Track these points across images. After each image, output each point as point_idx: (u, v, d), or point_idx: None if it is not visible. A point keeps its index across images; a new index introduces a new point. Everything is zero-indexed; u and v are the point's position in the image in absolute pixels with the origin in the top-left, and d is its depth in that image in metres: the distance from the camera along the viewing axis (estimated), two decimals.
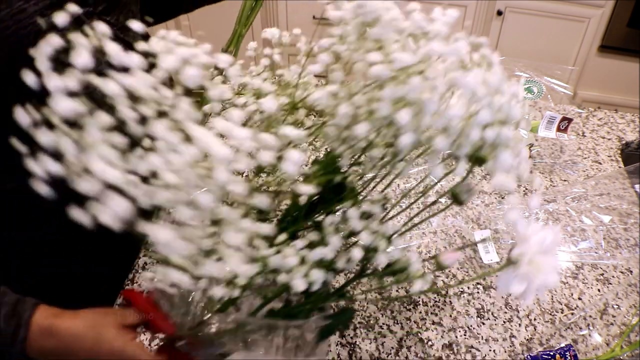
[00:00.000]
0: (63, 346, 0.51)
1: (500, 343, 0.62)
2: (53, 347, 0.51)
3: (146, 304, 0.51)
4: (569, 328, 0.64)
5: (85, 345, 0.51)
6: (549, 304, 0.67)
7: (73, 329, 0.51)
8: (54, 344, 0.51)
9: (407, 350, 0.61)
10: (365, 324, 0.64)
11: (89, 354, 0.51)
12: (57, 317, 0.51)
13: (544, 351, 0.60)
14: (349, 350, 0.61)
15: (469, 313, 0.65)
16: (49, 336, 0.50)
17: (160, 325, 0.49)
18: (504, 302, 0.67)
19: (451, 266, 0.39)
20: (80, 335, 0.51)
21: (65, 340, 0.51)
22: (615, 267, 0.72)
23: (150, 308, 0.50)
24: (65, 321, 0.51)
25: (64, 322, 0.51)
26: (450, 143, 0.32)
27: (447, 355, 0.61)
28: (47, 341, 0.51)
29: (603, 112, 1.04)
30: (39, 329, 0.50)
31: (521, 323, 0.64)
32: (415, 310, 0.65)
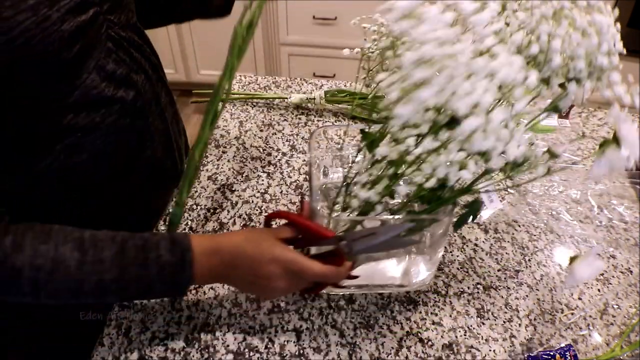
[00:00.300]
0: (227, 261, 0.54)
1: (500, 343, 0.62)
2: (218, 263, 0.53)
3: (300, 218, 0.55)
4: (569, 328, 0.64)
5: (247, 256, 0.53)
6: (549, 304, 0.67)
7: (235, 242, 0.54)
8: (219, 260, 0.53)
9: (407, 350, 0.61)
10: (365, 324, 0.64)
11: (252, 265, 0.53)
12: (217, 236, 0.55)
13: (544, 351, 0.60)
14: (349, 350, 0.61)
15: (469, 313, 0.65)
16: (213, 254, 0.53)
17: (320, 232, 0.54)
18: (504, 302, 0.67)
19: (561, 155, 0.45)
20: (241, 247, 0.54)
21: (229, 254, 0.54)
22: (615, 267, 0.72)
23: (306, 220, 0.55)
24: (225, 237, 0.55)
25: (225, 238, 0.55)
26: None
27: (447, 355, 0.61)
28: (213, 259, 0.53)
29: (603, 112, 1.04)
30: (202, 249, 0.53)
31: (521, 323, 0.64)
32: (415, 310, 0.65)
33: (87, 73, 0.54)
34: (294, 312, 0.64)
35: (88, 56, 0.54)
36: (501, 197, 0.82)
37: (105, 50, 0.57)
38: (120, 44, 0.59)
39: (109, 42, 0.57)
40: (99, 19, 0.55)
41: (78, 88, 0.54)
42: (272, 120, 0.98)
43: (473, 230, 0.77)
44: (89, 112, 0.56)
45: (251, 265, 0.53)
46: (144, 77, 0.64)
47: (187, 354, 0.60)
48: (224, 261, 0.53)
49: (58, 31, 0.48)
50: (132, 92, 0.61)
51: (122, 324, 0.62)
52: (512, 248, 0.74)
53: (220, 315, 0.64)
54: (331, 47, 2.11)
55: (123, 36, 0.60)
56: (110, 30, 0.57)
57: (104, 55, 0.56)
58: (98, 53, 0.55)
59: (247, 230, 0.56)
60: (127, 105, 0.60)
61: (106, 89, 0.57)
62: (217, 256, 0.53)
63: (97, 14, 0.54)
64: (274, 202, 0.80)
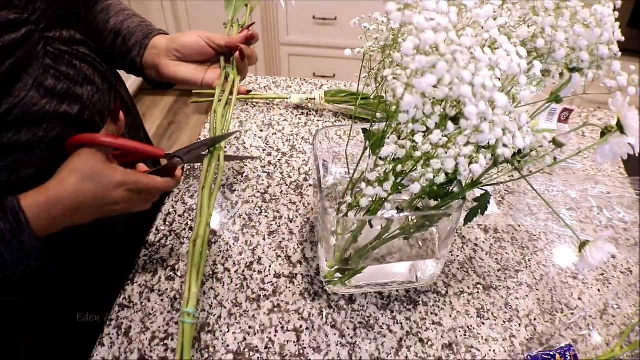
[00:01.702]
0: (71, 208, 0.52)
1: (500, 343, 0.62)
2: (59, 213, 0.51)
3: (128, 142, 0.57)
4: (569, 328, 0.64)
5: (90, 196, 0.52)
6: (549, 304, 0.67)
7: (74, 187, 0.52)
8: (60, 210, 0.51)
9: (407, 350, 0.61)
10: (365, 324, 0.64)
11: (96, 202, 0.53)
12: (50, 187, 0.52)
13: (544, 351, 0.60)
14: (349, 350, 0.61)
15: (469, 313, 0.65)
16: (53, 206, 0.51)
17: (151, 152, 0.59)
18: (504, 302, 0.67)
19: (567, 143, 0.45)
20: (82, 189, 0.52)
21: (70, 201, 0.52)
22: (615, 267, 0.72)
23: (134, 143, 0.58)
24: (60, 184, 0.52)
25: (60, 186, 0.52)
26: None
27: (447, 355, 0.61)
28: (53, 211, 0.51)
29: (603, 112, 1.04)
30: (36, 206, 0.51)
31: (521, 323, 0.64)
32: (415, 310, 0.65)
33: (24, 90, 0.54)
34: (294, 312, 0.64)
35: (22, 73, 0.53)
36: (501, 197, 0.82)
37: (43, 67, 0.56)
38: (61, 58, 0.59)
39: (47, 59, 0.57)
40: (34, 36, 0.54)
41: (17, 106, 0.53)
42: (272, 120, 0.98)
43: (473, 230, 0.77)
44: (31, 128, 0.56)
45: (95, 203, 0.53)
46: (92, 88, 0.63)
47: None
48: (67, 208, 0.52)
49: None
50: (77, 105, 0.60)
51: (122, 324, 0.62)
52: (512, 248, 0.74)
53: (220, 315, 0.64)
54: (331, 47, 2.11)
55: (64, 50, 0.59)
56: (48, 46, 0.57)
57: (42, 71, 0.56)
58: (35, 70, 0.55)
59: (77, 167, 0.52)
60: (72, 119, 0.60)
61: (47, 105, 0.56)
62: (59, 207, 0.51)
63: (32, 32, 0.54)
64: (274, 202, 0.80)
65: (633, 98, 0.42)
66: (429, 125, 0.42)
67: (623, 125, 0.42)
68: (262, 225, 0.76)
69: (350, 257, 0.61)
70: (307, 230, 0.75)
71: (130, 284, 0.67)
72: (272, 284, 0.68)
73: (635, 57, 1.72)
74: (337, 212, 0.58)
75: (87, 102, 0.62)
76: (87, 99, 0.62)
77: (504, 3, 0.45)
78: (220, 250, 0.72)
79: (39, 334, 0.71)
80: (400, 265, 0.67)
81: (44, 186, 0.52)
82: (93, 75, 0.64)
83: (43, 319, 0.69)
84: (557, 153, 0.47)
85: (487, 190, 0.54)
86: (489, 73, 0.38)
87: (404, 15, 0.37)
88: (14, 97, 0.53)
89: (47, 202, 0.51)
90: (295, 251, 0.72)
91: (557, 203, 0.81)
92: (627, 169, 0.89)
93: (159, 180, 0.58)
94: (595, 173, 0.88)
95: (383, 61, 0.51)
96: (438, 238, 0.63)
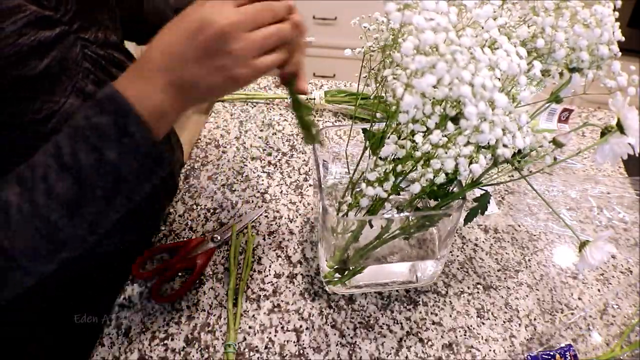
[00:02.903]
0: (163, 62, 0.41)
1: (500, 343, 0.62)
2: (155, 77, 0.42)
3: None
4: (569, 328, 0.64)
5: (173, 24, 0.42)
6: (549, 304, 0.67)
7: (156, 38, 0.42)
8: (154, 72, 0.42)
9: (407, 350, 0.61)
10: (365, 324, 0.64)
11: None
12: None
13: (544, 351, 0.60)
14: (349, 350, 0.61)
15: (469, 313, 0.65)
16: (139, 69, 0.42)
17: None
18: (504, 302, 0.67)
19: (567, 143, 0.45)
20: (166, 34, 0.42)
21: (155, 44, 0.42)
22: (615, 267, 0.72)
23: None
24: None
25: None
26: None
27: (447, 355, 0.61)
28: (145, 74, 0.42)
29: (603, 112, 1.04)
30: (126, 79, 0.42)
31: (521, 323, 0.64)
32: (415, 310, 0.65)
33: (64, 96, 0.52)
34: (294, 312, 0.64)
35: (61, 76, 0.52)
36: (501, 197, 0.82)
37: (83, 71, 0.54)
38: (99, 63, 0.57)
39: (86, 62, 0.55)
40: (69, 37, 0.53)
41: (57, 113, 0.52)
42: (272, 120, 0.98)
43: (473, 230, 0.77)
44: None
45: (177, 24, 0.41)
46: None
47: (187, 354, 0.60)
48: (154, 58, 0.42)
49: (14, 45, 0.46)
50: None
51: (122, 324, 0.62)
52: (512, 248, 0.74)
53: (220, 315, 0.64)
54: (331, 47, 2.11)
55: (101, 54, 0.58)
56: (86, 49, 0.55)
57: (81, 76, 0.54)
58: (74, 74, 0.53)
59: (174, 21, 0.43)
60: None
61: None
62: (144, 62, 0.42)
63: (66, 32, 0.52)
64: (274, 202, 0.80)
65: (633, 98, 0.42)
66: (429, 126, 0.42)
67: (623, 125, 0.42)
68: (262, 225, 0.76)
69: (350, 257, 0.61)
70: (307, 230, 0.75)
71: (130, 284, 0.67)
72: (272, 284, 0.68)
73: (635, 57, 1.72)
74: (337, 212, 0.58)
75: None
76: None
77: (504, 3, 0.45)
78: (220, 251, 0.72)
79: (46, 344, 0.71)
80: (400, 265, 0.67)
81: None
82: None
83: (51, 328, 0.69)
84: (557, 153, 0.47)
85: (487, 190, 0.54)
86: (488, 73, 0.38)
87: (404, 15, 0.37)
88: (53, 103, 0.51)
89: (133, 64, 0.43)
90: (295, 251, 0.72)
91: (557, 203, 0.81)
92: (627, 169, 0.89)
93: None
94: (595, 173, 0.88)
95: (383, 61, 0.51)
96: (438, 238, 0.63)
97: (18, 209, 0.41)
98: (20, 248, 0.41)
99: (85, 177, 0.40)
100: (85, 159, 0.40)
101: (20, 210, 0.41)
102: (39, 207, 0.40)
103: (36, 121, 0.51)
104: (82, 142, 0.41)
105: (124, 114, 0.40)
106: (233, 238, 0.71)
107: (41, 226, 0.41)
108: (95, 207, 0.42)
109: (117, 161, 0.41)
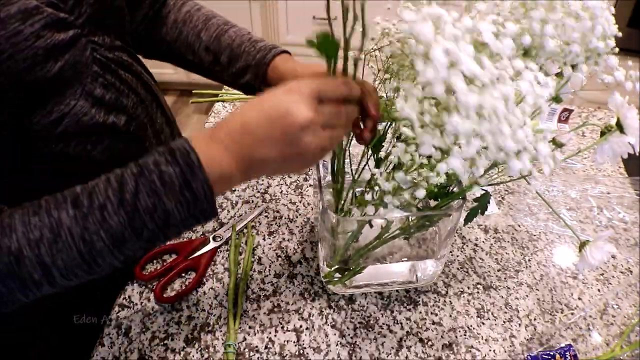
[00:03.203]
0: (237, 126, 0.44)
1: (500, 343, 0.62)
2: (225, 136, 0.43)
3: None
4: (569, 328, 0.64)
5: (256, 106, 0.44)
6: (549, 304, 0.67)
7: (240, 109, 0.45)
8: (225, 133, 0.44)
9: (407, 350, 0.61)
10: (365, 324, 0.64)
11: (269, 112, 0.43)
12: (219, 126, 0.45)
13: (544, 351, 0.60)
14: (349, 350, 0.61)
15: (469, 313, 0.65)
16: (216, 130, 0.44)
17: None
18: (504, 302, 0.67)
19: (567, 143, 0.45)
20: (246, 105, 0.44)
21: (235, 119, 0.44)
22: (615, 267, 0.72)
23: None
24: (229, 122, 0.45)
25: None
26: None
27: (447, 355, 0.61)
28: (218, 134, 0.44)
29: (603, 112, 1.04)
30: (204, 137, 0.44)
31: (521, 323, 0.64)
32: (415, 310, 0.65)
33: (74, 99, 0.53)
34: (294, 312, 0.64)
35: (73, 79, 0.52)
36: (501, 197, 0.82)
37: (92, 74, 0.55)
38: (108, 66, 0.58)
39: (95, 66, 0.55)
40: (81, 41, 0.53)
41: (67, 116, 0.52)
42: None
43: (473, 230, 0.77)
44: (79, 140, 0.55)
45: (260, 107, 0.43)
46: (136, 99, 0.62)
47: (187, 354, 0.60)
48: (233, 129, 0.44)
49: (31, 47, 0.46)
50: (124, 116, 0.59)
51: (122, 324, 0.62)
52: (512, 248, 0.74)
53: (220, 315, 0.64)
54: None
55: (110, 58, 0.58)
56: (95, 52, 0.56)
57: (91, 79, 0.55)
58: (84, 77, 0.54)
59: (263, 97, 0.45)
60: (119, 131, 0.59)
61: (97, 115, 0.55)
62: (222, 130, 0.44)
63: (78, 36, 0.53)
64: (274, 202, 0.80)
65: (633, 98, 0.42)
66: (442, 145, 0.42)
67: (623, 124, 0.42)
68: (262, 225, 0.76)
69: (350, 257, 0.61)
70: (307, 230, 0.75)
71: (130, 284, 0.67)
72: (272, 284, 0.68)
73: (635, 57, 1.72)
74: (337, 212, 0.58)
75: (132, 113, 0.61)
76: (132, 110, 0.61)
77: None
78: (220, 251, 0.72)
79: (52, 345, 0.71)
80: (400, 265, 0.67)
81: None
82: (137, 86, 0.63)
83: (55, 329, 0.69)
84: (557, 153, 0.47)
85: (487, 190, 0.54)
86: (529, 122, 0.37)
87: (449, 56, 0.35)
88: (64, 105, 0.52)
89: (210, 130, 0.44)
90: (295, 251, 0.72)
91: (557, 203, 0.81)
92: (627, 169, 0.89)
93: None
94: (595, 173, 0.88)
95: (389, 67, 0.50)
96: (438, 238, 0.63)
97: (69, 231, 0.42)
98: (60, 266, 0.43)
99: (139, 217, 0.42)
100: (144, 201, 0.42)
101: (71, 232, 0.42)
102: (89, 233, 0.42)
103: (46, 124, 0.51)
104: (146, 184, 0.42)
105: (192, 171, 0.42)
106: (233, 238, 0.71)
107: (85, 251, 0.42)
108: (137, 244, 0.44)
109: (171, 210, 0.43)
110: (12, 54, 0.45)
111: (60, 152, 0.54)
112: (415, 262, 0.67)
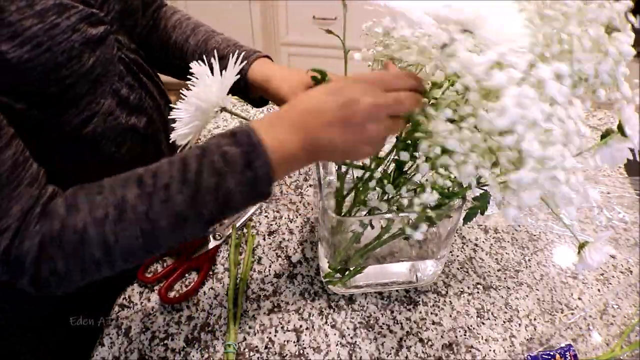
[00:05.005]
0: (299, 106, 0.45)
1: (500, 343, 0.62)
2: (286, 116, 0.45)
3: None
4: (569, 328, 0.64)
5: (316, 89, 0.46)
6: (549, 304, 0.67)
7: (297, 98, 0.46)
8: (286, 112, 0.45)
9: (407, 350, 0.61)
10: (365, 324, 0.64)
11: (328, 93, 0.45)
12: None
13: (544, 351, 0.60)
14: (349, 350, 0.61)
15: (469, 313, 0.65)
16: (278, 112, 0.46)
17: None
18: (504, 302, 0.67)
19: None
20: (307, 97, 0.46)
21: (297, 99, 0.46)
22: (615, 267, 0.72)
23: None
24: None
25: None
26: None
27: (447, 355, 0.61)
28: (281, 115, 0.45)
29: (603, 112, 1.04)
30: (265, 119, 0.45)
31: (521, 323, 0.64)
32: (415, 310, 0.65)
33: (104, 98, 0.53)
34: (294, 312, 0.64)
35: (102, 77, 0.52)
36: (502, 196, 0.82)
37: (119, 73, 0.55)
38: (130, 67, 0.58)
39: (121, 65, 0.56)
40: (110, 37, 0.53)
41: (97, 114, 0.52)
42: None
43: (473, 230, 0.77)
44: (104, 142, 0.55)
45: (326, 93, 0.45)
46: (152, 102, 0.62)
47: (187, 354, 0.60)
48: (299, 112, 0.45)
49: (68, 40, 0.46)
50: (144, 118, 0.59)
51: (122, 324, 0.62)
52: (512, 248, 0.74)
53: (220, 315, 0.64)
54: (331, 47, 2.11)
55: (132, 58, 0.58)
56: (120, 52, 0.56)
57: (118, 78, 0.55)
58: (112, 76, 0.54)
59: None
60: (139, 133, 0.59)
61: (121, 116, 0.55)
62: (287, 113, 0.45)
63: (108, 32, 0.53)
64: (274, 202, 0.80)
65: None
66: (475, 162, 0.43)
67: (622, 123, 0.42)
68: (262, 225, 0.76)
69: (351, 257, 0.61)
70: (307, 230, 0.75)
71: (130, 284, 0.67)
72: (272, 284, 0.68)
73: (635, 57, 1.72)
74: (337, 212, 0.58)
75: (151, 115, 0.61)
76: (150, 111, 0.61)
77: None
78: (220, 250, 0.72)
79: (52, 348, 0.71)
80: (400, 265, 0.67)
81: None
82: (152, 89, 0.63)
83: (57, 332, 0.69)
84: None
85: (487, 190, 0.54)
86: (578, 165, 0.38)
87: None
88: (95, 104, 0.52)
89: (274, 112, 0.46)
90: (295, 251, 0.72)
91: None
92: (627, 169, 0.89)
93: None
94: (595, 173, 0.88)
95: None
96: (438, 238, 0.63)
97: (133, 208, 0.42)
98: (122, 246, 0.43)
99: (202, 196, 0.43)
100: (207, 180, 0.43)
101: (135, 210, 0.42)
102: (153, 212, 0.42)
103: (77, 124, 0.52)
104: (208, 164, 0.43)
105: (254, 150, 0.43)
106: (233, 238, 0.71)
107: (147, 229, 0.43)
108: (197, 226, 0.45)
109: (232, 189, 0.43)
110: (50, 46, 0.45)
111: (87, 152, 0.54)
112: (416, 262, 0.67)
